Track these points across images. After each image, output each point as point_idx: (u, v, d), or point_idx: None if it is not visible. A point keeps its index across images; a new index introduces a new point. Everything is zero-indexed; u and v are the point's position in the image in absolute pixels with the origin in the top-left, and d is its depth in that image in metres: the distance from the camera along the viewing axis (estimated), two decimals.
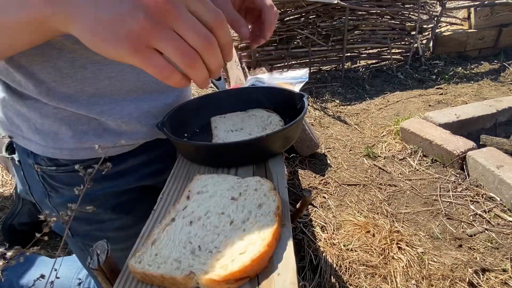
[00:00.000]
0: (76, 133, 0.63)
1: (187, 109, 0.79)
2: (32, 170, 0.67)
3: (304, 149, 2.36)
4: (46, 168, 0.66)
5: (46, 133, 0.62)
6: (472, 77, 3.74)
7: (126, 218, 0.73)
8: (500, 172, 1.86)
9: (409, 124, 2.47)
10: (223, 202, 0.52)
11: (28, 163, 0.67)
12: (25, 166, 0.69)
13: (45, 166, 0.66)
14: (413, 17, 3.83)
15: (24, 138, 0.64)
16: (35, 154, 0.65)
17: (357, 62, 4.18)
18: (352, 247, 1.66)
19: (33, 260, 1.21)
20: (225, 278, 0.39)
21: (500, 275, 1.48)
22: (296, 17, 3.52)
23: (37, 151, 0.64)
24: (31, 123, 0.62)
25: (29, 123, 0.62)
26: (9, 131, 0.66)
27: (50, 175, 0.67)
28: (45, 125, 0.62)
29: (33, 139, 0.63)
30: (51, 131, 0.62)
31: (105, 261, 0.43)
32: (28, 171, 0.69)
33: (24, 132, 0.64)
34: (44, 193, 0.69)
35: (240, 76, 2.56)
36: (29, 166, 0.68)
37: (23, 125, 0.63)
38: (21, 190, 0.79)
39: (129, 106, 0.66)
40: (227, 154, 0.64)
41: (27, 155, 0.66)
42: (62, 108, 0.60)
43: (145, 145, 0.73)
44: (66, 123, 0.62)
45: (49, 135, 0.62)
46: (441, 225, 1.79)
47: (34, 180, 0.69)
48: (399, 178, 2.17)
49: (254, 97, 0.85)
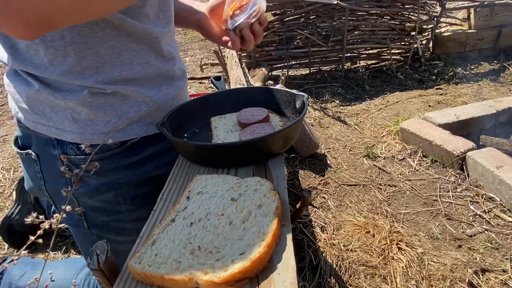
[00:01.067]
0: (111, 118, 0.67)
1: (187, 109, 0.79)
2: (54, 162, 0.69)
3: (304, 150, 2.36)
4: (74, 157, 0.68)
5: (84, 121, 0.66)
6: (472, 77, 3.75)
7: (142, 210, 0.76)
8: (500, 173, 1.86)
9: (409, 125, 2.47)
10: (223, 202, 0.52)
11: (52, 155, 0.69)
12: (45, 158, 0.71)
13: (73, 156, 0.68)
14: (413, 17, 3.83)
15: (58, 129, 0.66)
16: (62, 144, 0.68)
17: (357, 63, 4.18)
18: (352, 248, 1.66)
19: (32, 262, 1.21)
20: (225, 280, 0.39)
21: (500, 275, 1.48)
22: (296, 17, 3.52)
23: (75, 139, 0.66)
24: (67, 113, 0.65)
25: (65, 113, 0.65)
26: (35, 123, 0.68)
27: (77, 164, 0.69)
28: (82, 114, 0.65)
29: (68, 129, 0.66)
30: (88, 119, 0.66)
31: (105, 261, 0.43)
32: (49, 163, 0.70)
33: (57, 122, 0.66)
34: (66, 184, 0.71)
35: (240, 76, 2.56)
36: (52, 158, 0.69)
37: (56, 116, 0.65)
38: (31, 187, 0.78)
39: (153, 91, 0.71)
40: (227, 154, 0.64)
41: (52, 146, 0.68)
42: (100, 92, 0.64)
43: (161, 134, 0.75)
44: (101, 109, 0.66)
45: (86, 123, 0.66)
46: (441, 225, 1.79)
47: (55, 173, 0.70)
48: (399, 179, 2.17)
49: (254, 97, 0.85)
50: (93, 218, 0.75)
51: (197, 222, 0.49)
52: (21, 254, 0.40)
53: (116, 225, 0.76)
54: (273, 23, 3.49)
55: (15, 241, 1.69)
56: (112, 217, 0.75)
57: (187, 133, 0.79)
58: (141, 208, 0.76)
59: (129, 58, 0.66)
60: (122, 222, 0.76)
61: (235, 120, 0.80)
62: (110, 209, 0.73)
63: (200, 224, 0.48)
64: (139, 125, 0.71)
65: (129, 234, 0.76)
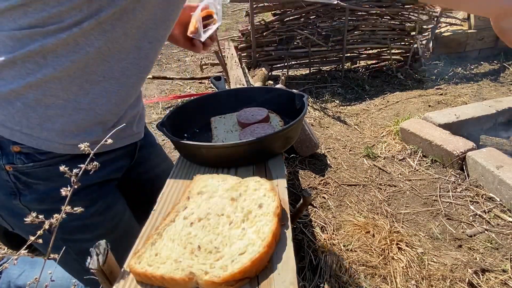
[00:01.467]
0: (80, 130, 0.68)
1: (187, 109, 0.79)
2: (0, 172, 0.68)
3: (304, 150, 2.36)
4: (22, 166, 0.67)
5: (56, 131, 0.66)
6: (472, 77, 3.74)
7: (98, 204, 0.77)
8: (500, 173, 1.86)
9: (409, 125, 2.47)
10: (223, 202, 0.52)
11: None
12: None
13: (21, 165, 0.67)
14: (413, 17, 3.83)
15: (22, 134, 0.65)
16: (7, 154, 0.66)
17: (357, 63, 4.18)
18: (352, 248, 1.66)
19: (31, 261, 1.21)
20: (225, 280, 0.39)
21: (500, 275, 1.48)
22: (296, 17, 3.52)
23: (40, 146, 0.66)
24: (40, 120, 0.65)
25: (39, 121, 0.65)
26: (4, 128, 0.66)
27: (25, 172, 0.68)
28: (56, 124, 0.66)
29: (35, 135, 0.66)
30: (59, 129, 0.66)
31: (105, 261, 0.43)
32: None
33: (26, 128, 0.65)
34: (13, 192, 0.70)
35: (240, 76, 2.56)
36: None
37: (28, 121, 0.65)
38: None
39: None
40: (227, 154, 0.64)
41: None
42: None
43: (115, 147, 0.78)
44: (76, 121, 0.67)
45: (58, 133, 0.66)
46: (441, 225, 1.79)
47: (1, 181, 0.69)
48: (399, 179, 2.17)
49: (253, 97, 0.86)
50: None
51: (197, 222, 0.49)
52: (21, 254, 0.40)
53: (76, 224, 0.74)
54: (273, 23, 3.49)
55: (14, 243, 1.68)
56: (70, 217, 0.74)
57: (187, 133, 0.79)
58: (97, 201, 0.76)
59: None
60: (82, 219, 0.73)
61: (235, 120, 0.80)
62: None
63: (200, 224, 0.48)
64: None
65: (93, 229, 0.76)
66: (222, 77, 0.94)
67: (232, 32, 5.49)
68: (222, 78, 0.93)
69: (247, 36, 3.52)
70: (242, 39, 3.60)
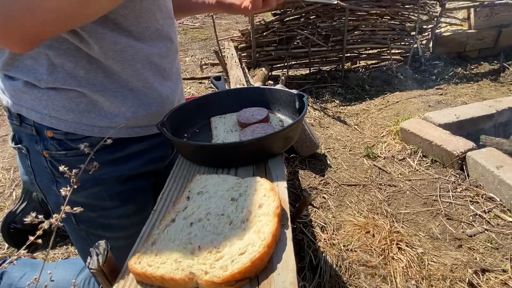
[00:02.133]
0: (109, 111, 0.68)
1: (187, 109, 0.79)
2: (39, 157, 0.69)
3: (304, 150, 2.36)
4: (55, 153, 0.68)
5: (81, 112, 0.66)
6: (472, 77, 3.75)
7: (129, 206, 0.76)
8: (500, 173, 1.86)
9: (409, 125, 2.47)
10: (223, 202, 0.52)
11: (36, 150, 0.69)
12: (32, 153, 0.71)
13: (54, 151, 0.68)
14: (413, 17, 3.83)
15: (52, 117, 0.66)
16: (44, 140, 0.68)
17: (357, 63, 4.18)
18: (352, 248, 1.66)
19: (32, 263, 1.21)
20: (225, 280, 0.39)
21: (500, 275, 1.48)
22: (296, 17, 3.52)
23: (68, 129, 0.67)
24: (65, 101, 0.65)
25: (63, 102, 0.65)
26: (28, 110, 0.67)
27: (59, 160, 0.69)
28: (80, 104, 0.66)
29: (62, 118, 0.66)
30: (85, 110, 0.66)
31: (104, 261, 0.43)
32: (35, 158, 0.71)
33: (52, 111, 0.66)
34: (51, 179, 0.71)
35: (240, 76, 2.56)
36: (36, 153, 0.70)
37: (54, 104, 0.65)
38: (25, 181, 0.79)
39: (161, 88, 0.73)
40: (227, 154, 0.64)
41: (35, 141, 0.69)
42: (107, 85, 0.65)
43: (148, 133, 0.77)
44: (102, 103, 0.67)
45: (83, 113, 0.66)
46: (441, 225, 1.79)
47: (41, 167, 0.71)
48: (399, 179, 2.17)
49: (253, 97, 0.86)
50: (80, 215, 0.73)
51: (197, 222, 0.49)
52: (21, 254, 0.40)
53: (103, 221, 0.75)
54: (273, 23, 3.49)
55: (15, 240, 1.68)
56: (98, 213, 0.75)
57: (187, 133, 0.79)
58: (127, 204, 0.76)
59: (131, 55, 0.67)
60: (109, 218, 0.76)
61: (235, 120, 0.80)
62: (95, 205, 0.73)
63: (200, 224, 0.48)
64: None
65: (116, 230, 0.77)
66: (222, 77, 0.94)
67: (232, 32, 5.49)
68: (222, 78, 0.93)
69: (247, 36, 3.52)
70: (242, 39, 3.60)
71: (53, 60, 0.61)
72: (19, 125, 0.69)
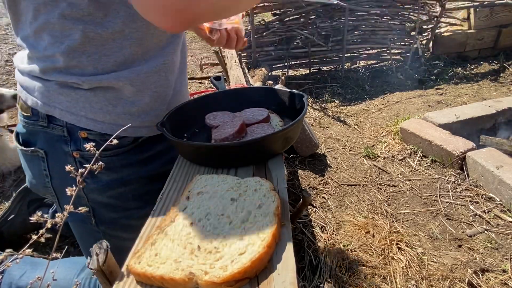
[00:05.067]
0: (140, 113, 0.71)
1: (187, 109, 0.79)
2: (65, 159, 0.70)
3: (303, 150, 2.36)
4: (87, 153, 0.69)
5: (118, 114, 0.68)
6: (471, 77, 3.74)
7: (150, 207, 0.76)
8: (500, 173, 1.86)
9: (409, 125, 2.47)
10: (223, 202, 0.52)
11: (64, 151, 0.70)
12: (55, 155, 0.71)
13: (87, 152, 0.67)
14: (413, 17, 3.83)
15: (88, 119, 0.67)
16: (76, 140, 0.69)
17: (357, 63, 4.18)
18: (351, 248, 1.66)
19: (32, 261, 1.21)
20: (224, 280, 0.39)
21: (500, 275, 1.48)
22: (296, 17, 3.52)
23: (105, 130, 0.69)
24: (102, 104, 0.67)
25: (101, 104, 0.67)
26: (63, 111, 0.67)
27: (90, 160, 0.68)
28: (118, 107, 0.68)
29: (99, 119, 0.68)
30: (121, 112, 0.69)
31: (104, 261, 0.43)
32: (59, 160, 0.71)
33: (90, 113, 0.67)
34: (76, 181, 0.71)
35: (240, 76, 2.56)
36: (63, 154, 0.70)
37: (91, 106, 0.66)
38: (33, 184, 0.78)
39: None
40: (227, 154, 0.64)
41: (64, 143, 0.69)
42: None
43: None
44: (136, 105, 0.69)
45: (119, 115, 0.68)
46: (441, 225, 1.79)
47: (64, 170, 0.70)
48: (398, 179, 2.17)
49: (253, 97, 0.85)
50: (102, 215, 0.76)
51: (197, 222, 0.49)
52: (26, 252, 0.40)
53: (124, 222, 0.77)
54: (273, 23, 3.49)
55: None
56: (121, 214, 0.76)
57: (187, 133, 0.79)
58: (149, 204, 0.76)
59: None
60: (130, 219, 0.77)
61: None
62: (119, 205, 0.75)
63: (200, 224, 0.48)
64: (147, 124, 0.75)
65: (135, 231, 0.77)
66: (222, 77, 0.94)
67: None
68: (222, 78, 0.93)
69: (247, 36, 3.52)
70: None
71: None
72: (46, 126, 0.69)
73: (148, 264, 0.43)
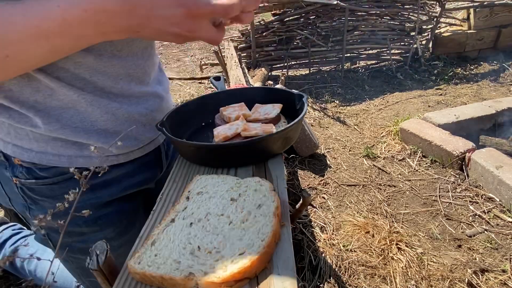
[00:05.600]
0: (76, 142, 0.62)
1: (187, 109, 0.79)
2: (10, 183, 0.65)
3: (303, 150, 2.36)
4: (25, 181, 0.64)
5: (46, 141, 0.60)
6: (471, 77, 3.75)
7: (108, 230, 0.71)
8: (500, 173, 1.86)
9: (409, 125, 2.47)
10: (223, 203, 0.52)
11: (6, 176, 0.65)
12: (2, 179, 0.67)
13: (24, 179, 0.63)
14: (412, 17, 3.83)
15: (15, 146, 0.61)
16: (13, 167, 0.63)
17: (356, 63, 4.18)
18: (351, 248, 1.66)
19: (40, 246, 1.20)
20: (224, 280, 0.39)
21: (500, 275, 1.48)
22: (295, 17, 3.52)
23: (32, 159, 0.61)
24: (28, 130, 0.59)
25: (26, 131, 0.59)
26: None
27: (30, 188, 0.65)
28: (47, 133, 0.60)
29: (26, 147, 0.61)
30: (50, 138, 0.61)
31: (104, 261, 0.43)
32: (7, 183, 0.67)
33: (15, 139, 0.61)
34: (24, 205, 0.67)
35: (240, 76, 2.56)
36: (7, 179, 0.65)
37: (16, 132, 0.60)
38: (2, 201, 0.76)
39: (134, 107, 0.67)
40: (227, 154, 0.64)
41: (4, 167, 0.64)
42: None
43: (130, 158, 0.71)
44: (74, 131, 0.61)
45: (48, 143, 0.61)
46: (441, 225, 1.79)
47: (14, 193, 0.67)
48: (398, 179, 2.17)
49: (253, 97, 0.85)
50: (56, 239, 0.70)
51: (197, 222, 0.49)
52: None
53: (81, 246, 0.69)
54: (273, 23, 3.49)
55: None
56: (75, 238, 0.70)
57: (187, 133, 0.79)
58: (106, 228, 0.71)
59: None
60: (87, 242, 0.68)
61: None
62: (71, 230, 0.68)
63: (200, 224, 0.48)
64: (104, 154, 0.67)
65: None
66: (222, 77, 0.94)
67: (232, 32, 5.49)
68: (221, 78, 0.93)
69: (247, 36, 3.52)
70: (242, 39, 3.60)
71: None
72: None
73: (148, 264, 0.43)
